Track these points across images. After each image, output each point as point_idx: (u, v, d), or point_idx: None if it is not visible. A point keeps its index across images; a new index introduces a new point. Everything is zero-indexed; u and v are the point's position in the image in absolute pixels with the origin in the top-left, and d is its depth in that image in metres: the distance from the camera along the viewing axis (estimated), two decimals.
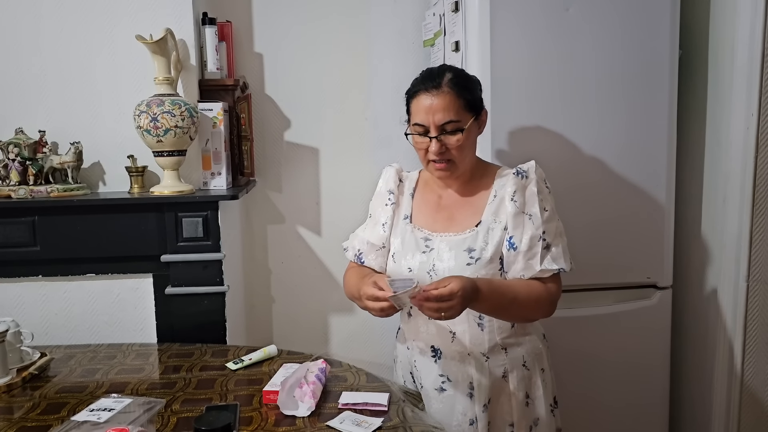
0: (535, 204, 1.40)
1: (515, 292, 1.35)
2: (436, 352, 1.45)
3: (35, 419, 1.29)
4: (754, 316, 1.87)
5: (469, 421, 1.43)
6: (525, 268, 1.39)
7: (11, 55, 1.91)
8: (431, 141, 1.38)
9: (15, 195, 1.82)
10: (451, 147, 1.38)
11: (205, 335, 1.84)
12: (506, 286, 1.36)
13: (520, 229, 1.39)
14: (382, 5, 2.30)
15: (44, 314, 1.89)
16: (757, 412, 1.92)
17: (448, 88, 1.36)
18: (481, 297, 1.28)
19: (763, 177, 1.80)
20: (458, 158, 1.39)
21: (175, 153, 1.83)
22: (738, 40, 1.79)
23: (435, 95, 1.36)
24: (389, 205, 1.53)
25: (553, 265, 1.38)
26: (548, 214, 1.41)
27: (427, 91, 1.37)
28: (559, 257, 1.40)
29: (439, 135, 1.37)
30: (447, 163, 1.40)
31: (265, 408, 1.32)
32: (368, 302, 1.31)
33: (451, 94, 1.36)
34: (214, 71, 2.00)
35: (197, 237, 1.84)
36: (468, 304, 1.26)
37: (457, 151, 1.38)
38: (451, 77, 1.38)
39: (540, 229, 1.38)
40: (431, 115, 1.36)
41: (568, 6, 1.79)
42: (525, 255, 1.38)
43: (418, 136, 1.40)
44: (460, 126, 1.37)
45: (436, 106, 1.36)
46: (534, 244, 1.38)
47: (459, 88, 1.37)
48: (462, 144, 1.38)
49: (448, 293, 1.21)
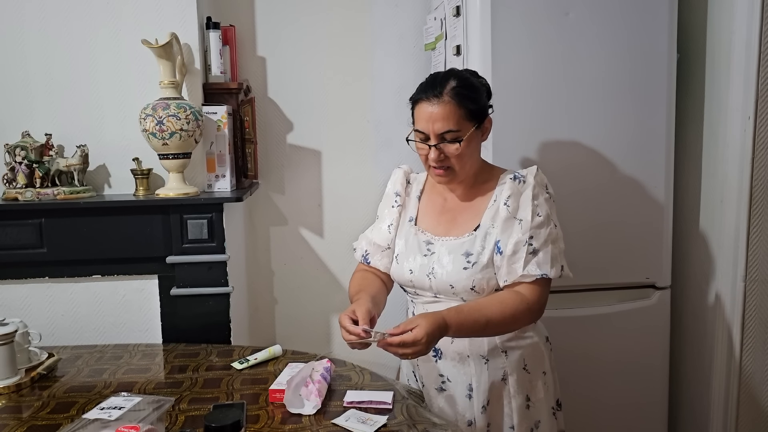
0: (528, 209, 1.38)
1: (488, 317, 1.32)
2: (436, 352, 1.46)
3: (45, 418, 1.32)
4: (752, 315, 1.89)
5: (468, 422, 1.43)
6: (508, 273, 1.37)
7: (18, 59, 1.93)
8: (430, 149, 1.39)
9: (22, 197, 1.84)
10: (450, 155, 1.38)
11: (210, 336, 1.86)
12: (478, 312, 1.32)
13: (507, 233, 1.38)
14: (384, 9, 2.32)
15: (51, 315, 1.91)
16: (755, 411, 1.93)
17: (449, 98, 1.35)
18: (450, 332, 1.28)
19: (759, 178, 1.83)
20: (457, 165, 1.40)
21: (180, 156, 1.86)
22: (735, 44, 1.81)
23: (435, 104, 1.35)
24: (395, 207, 1.55)
25: (537, 271, 1.35)
26: (541, 219, 1.38)
27: (428, 100, 1.37)
28: (545, 263, 1.37)
29: (438, 143, 1.37)
30: (446, 170, 1.40)
31: (271, 406, 1.34)
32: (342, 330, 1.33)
33: (452, 104, 1.35)
34: (218, 75, 2.02)
35: (202, 239, 1.86)
36: (436, 342, 1.26)
37: (456, 159, 1.38)
38: (455, 86, 1.36)
39: (527, 234, 1.37)
40: (431, 124, 1.36)
41: (568, 10, 1.81)
42: (509, 259, 1.37)
43: (419, 142, 1.42)
44: (459, 136, 1.36)
45: (436, 115, 1.35)
46: (519, 248, 1.36)
47: (460, 97, 1.36)
48: (461, 153, 1.37)
49: (411, 340, 1.22)
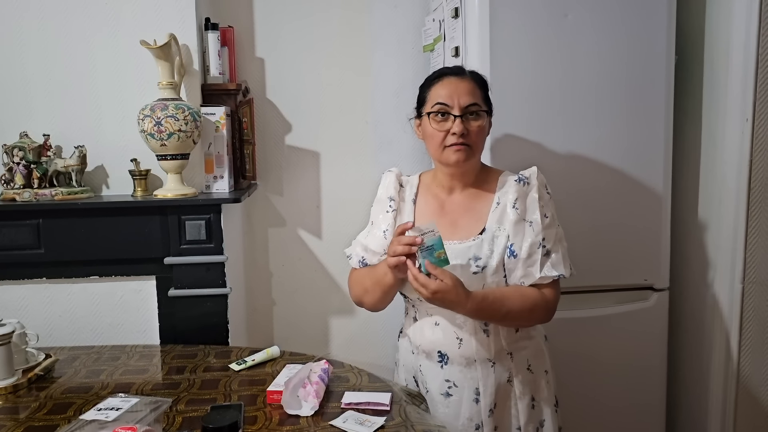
0: (536, 211, 1.41)
1: (509, 308, 1.37)
2: (442, 357, 1.45)
3: (42, 419, 1.31)
4: (750, 316, 1.89)
5: (475, 426, 1.43)
6: (525, 275, 1.40)
7: (16, 60, 1.92)
8: (455, 121, 1.38)
9: (20, 198, 1.84)
10: (471, 131, 1.40)
11: (208, 337, 1.86)
12: (500, 303, 1.37)
13: (520, 236, 1.40)
14: (383, 10, 2.32)
15: (48, 316, 1.91)
16: (753, 412, 1.93)
17: (471, 78, 1.44)
18: (465, 311, 1.34)
19: (757, 180, 1.83)
20: (476, 144, 1.42)
21: (178, 156, 1.85)
22: (733, 46, 1.82)
23: (461, 80, 1.42)
24: (390, 211, 1.52)
25: (553, 272, 1.40)
26: (548, 220, 1.42)
27: (454, 75, 1.43)
28: (558, 263, 1.41)
29: (463, 116, 1.40)
30: (465, 147, 1.40)
31: (269, 408, 1.33)
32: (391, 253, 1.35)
33: (475, 84, 1.43)
34: (216, 76, 2.02)
35: (200, 240, 1.86)
36: (443, 304, 1.32)
37: (476, 137, 1.41)
38: (472, 72, 1.46)
39: (540, 235, 1.39)
40: (457, 97, 1.39)
41: (566, 12, 1.82)
42: (525, 262, 1.39)
43: (438, 117, 1.41)
44: (482, 113, 1.42)
45: (462, 88, 1.41)
46: (534, 251, 1.39)
47: (481, 81, 1.46)
48: (482, 130, 1.42)
49: (436, 288, 1.28)
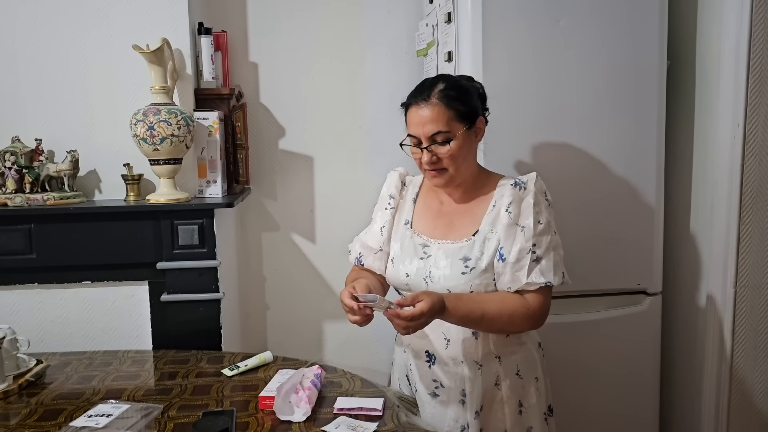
0: (530, 216, 1.40)
1: (485, 310, 1.36)
2: (430, 357, 1.46)
3: (32, 426, 1.30)
4: (742, 321, 1.90)
5: (461, 427, 1.43)
6: (512, 280, 1.39)
7: (7, 64, 1.92)
8: (422, 151, 1.41)
9: (11, 203, 1.83)
10: (442, 156, 1.40)
11: (201, 342, 1.85)
12: (476, 304, 1.36)
13: (510, 240, 1.39)
14: (377, 16, 2.33)
15: (40, 321, 1.90)
16: (746, 416, 1.94)
17: (437, 100, 1.38)
18: (446, 314, 1.32)
19: (749, 185, 1.84)
20: (451, 167, 1.41)
21: (171, 161, 1.85)
22: (724, 51, 1.83)
23: (424, 107, 1.39)
24: (388, 209, 1.56)
25: (540, 279, 1.38)
26: (542, 227, 1.40)
27: (417, 104, 1.41)
28: (548, 271, 1.39)
29: (429, 145, 1.40)
30: (440, 171, 1.42)
31: (261, 413, 1.33)
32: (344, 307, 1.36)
33: (440, 106, 1.38)
34: (209, 80, 2.02)
35: (193, 244, 1.85)
36: (431, 321, 1.31)
37: (448, 160, 1.40)
38: (442, 88, 1.40)
39: (530, 241, 1.38)
40: (421, 127, 1.40)
41: (559, 18, 1.82)
42: (513, 267, 1.38)
43: (412, 147, 1.44)
44: (449, 137, 1.39)
45: (425, 117, 1.39)
46: (522, 256, 1.38)
47: (449, 99, 1.39)
48: (454, 154, 1.40)
49: (418, 314, 1.26)
